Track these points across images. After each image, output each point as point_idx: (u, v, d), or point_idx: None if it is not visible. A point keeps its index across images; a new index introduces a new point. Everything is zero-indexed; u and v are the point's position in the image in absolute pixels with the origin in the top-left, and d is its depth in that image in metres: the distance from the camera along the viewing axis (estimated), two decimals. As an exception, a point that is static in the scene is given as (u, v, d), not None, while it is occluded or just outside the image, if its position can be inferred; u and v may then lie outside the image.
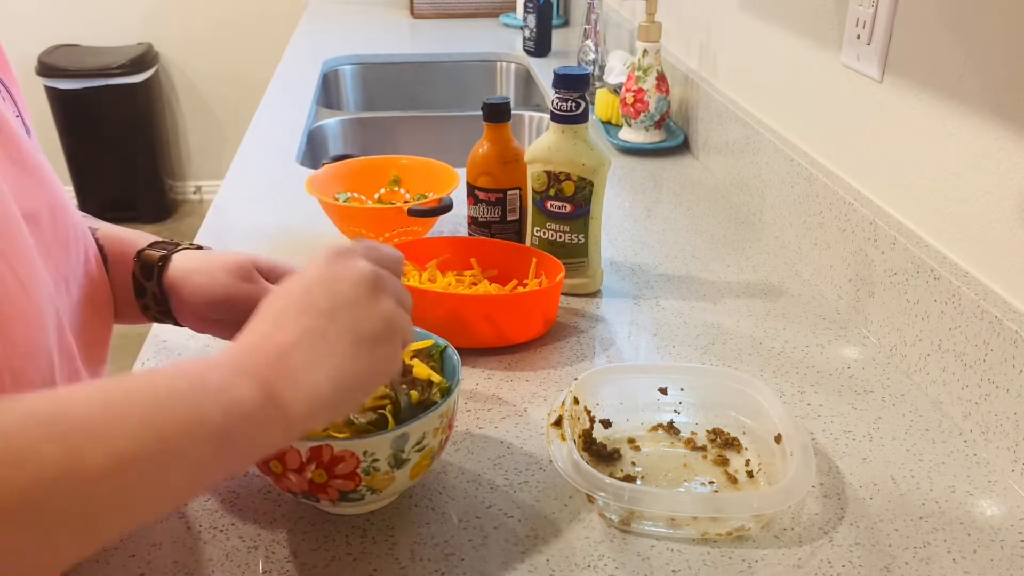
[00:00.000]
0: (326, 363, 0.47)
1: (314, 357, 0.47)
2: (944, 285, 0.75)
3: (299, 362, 0.46)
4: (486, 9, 2.52)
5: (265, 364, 0.46)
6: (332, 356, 0.47)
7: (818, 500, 0.65)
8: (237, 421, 0.43)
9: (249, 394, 0.44)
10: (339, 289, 0.50)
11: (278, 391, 0.45)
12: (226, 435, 0.43)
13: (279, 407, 0.45)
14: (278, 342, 0.47)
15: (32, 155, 0.56)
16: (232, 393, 0.44)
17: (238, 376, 0.44)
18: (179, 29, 3.30)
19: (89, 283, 0.62)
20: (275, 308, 0.50)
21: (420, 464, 0.59)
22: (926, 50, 0.80)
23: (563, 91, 0.89)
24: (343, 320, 0.49)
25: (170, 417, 0.41)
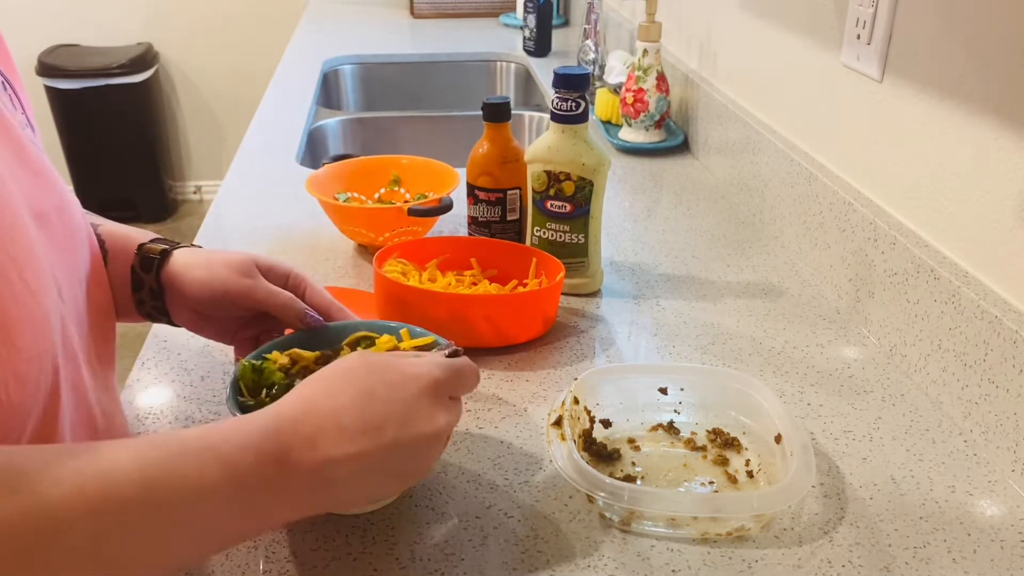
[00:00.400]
0: (364, 488, 0.50)
1: (355, 480, 0.49)
2: (944, 285, 0.75)
3: (336, 478, 0.48)
4: (486, 9, 2.52)
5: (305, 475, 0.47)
6: (372, 486, 0.50)
7: (818, 500, 0.65)
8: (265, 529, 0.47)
9: (276, 505, 0.46)
10: (409, 434, 0.50)
11: (308, 501, 0.48)
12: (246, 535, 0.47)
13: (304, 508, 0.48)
14: (328, 454, 0.48)
15: (38, 155, 0.56)
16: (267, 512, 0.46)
17: (275, 496, 0.46)
18: (179, 29, 3.30)
19: (95, 283, 0.62)
20: (345, 395, 0.50)
21: None
22: (926, 50, 0.80)
23: (563, 91, 0.89)
24: (398, 459, 0.50)
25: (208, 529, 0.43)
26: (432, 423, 0.51)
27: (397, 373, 0.52)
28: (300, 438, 0.47)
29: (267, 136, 1.48)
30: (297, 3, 2.95)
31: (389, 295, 0.83)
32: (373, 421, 0.49)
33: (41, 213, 0.53)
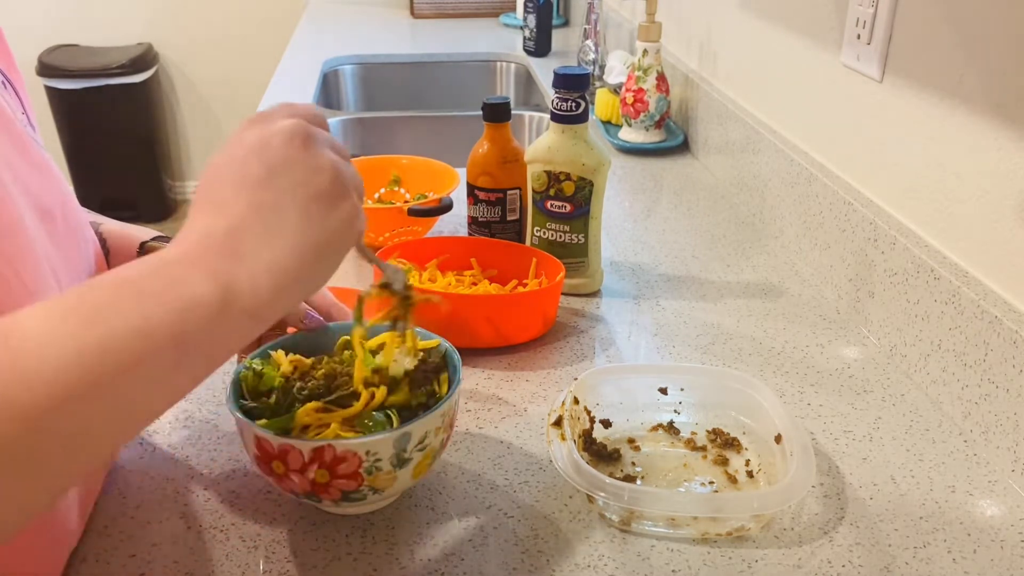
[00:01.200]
0: (278, 235, 0.44)
1: (265, 233, 0.43)
2: (944, 285, 0.75)
3: (251, 242, 0.43)
4: (486, 9, 2.52)
5: (214, 253, 0.42)
6: (284, 226, 0.44)
7: (818, 500, 0.65)
8: (192, 320, 0.40)
9: (200, 289, 0.40)
10: (270, 152, 0.45)
11: (232, 278, 0.42)
12: (182, 338, 0.39)
13: (237, 295, 0.41)
14: (221, 225, 0.43)
15: (41, 152, 0.56)
16: (181, 290, 0.40)
17: (185, 271, 0.41)
18: (179, 30, 3.30)
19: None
20: (207, 190, 0.45)
21: (422, 464, 0.59)
22: (926, 50, 0.80)
23: (563, 91, 0.89)
24: (285, 184, 0.45)
25: (115, 334, 0.37)
26: (278, 128, 0.46)
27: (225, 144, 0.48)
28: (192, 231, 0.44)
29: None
30: (297, 3, 2.95)
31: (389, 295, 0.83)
32: (235, 177, 0.45)
33: (45, 209, 0.53)
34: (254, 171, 0.45)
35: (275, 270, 0.43)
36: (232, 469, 0.68)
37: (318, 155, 0.46)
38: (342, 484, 0.56)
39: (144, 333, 0.38)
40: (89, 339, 0.37)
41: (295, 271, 0.44)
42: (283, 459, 0.56)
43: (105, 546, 0.60)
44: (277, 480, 0.58)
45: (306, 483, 0.56)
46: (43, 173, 0.55)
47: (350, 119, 1.68)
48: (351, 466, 0.55)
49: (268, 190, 0.44)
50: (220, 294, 0.41)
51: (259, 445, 0.56)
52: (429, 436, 0.58)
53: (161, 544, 0.61)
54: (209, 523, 0.62)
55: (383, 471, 0.57)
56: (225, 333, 0.42)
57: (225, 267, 0.42)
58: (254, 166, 0.45)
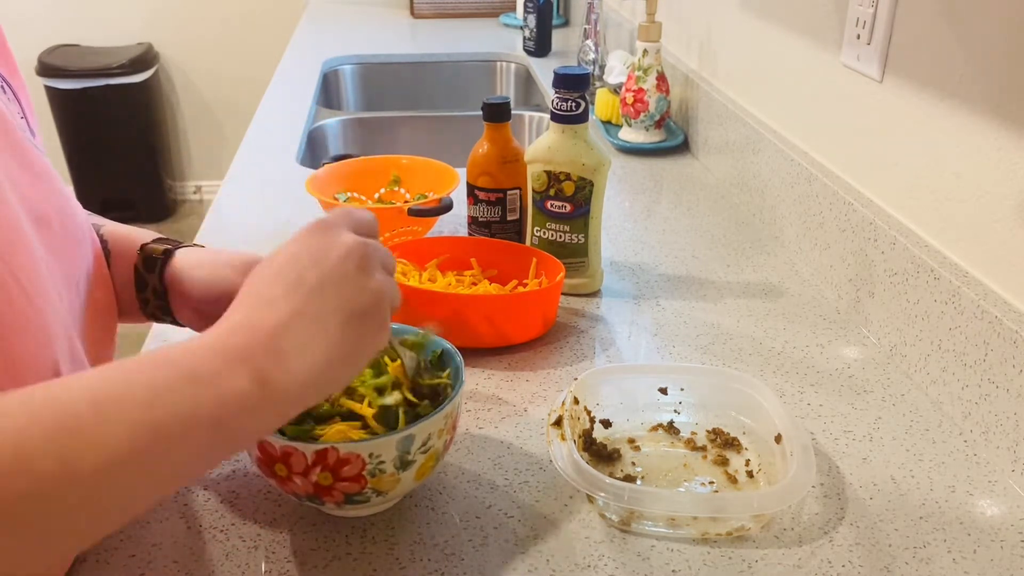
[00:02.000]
0: (317, 344, 0.47)
1: (305, 339, 0.47)
2: (944, 285, 0.75)
3: (291, 344, 0.46)
4: (486, 9, 2.52)
5: (256, 348, 0.45)
6: (324, 336, 0.47)
7: (818, 500, 0.65)
8: (231, 411, 0.43)
9: (241, 383, 0.44)
10: (327, 265, 0.49)
11: (270, 376, 0.45)
12: (220, 424, 0.43)
13: (272, 392, 0.45)
14: (268, 324, 0.46)
15: (39, 157, 0.56)
16: (224, 382, 0.43)
17: (229, 364, 0.44)
18: (179, 29, 3.30)
19: (95, 283, 0.61)
20: (261, 284, 0.49)
21: (425, 465, 0.59)
22: (926, 50, 0.80)
23: (563, 91, 0.89)
24: (333, 298, 0.48)
25: (163, 413, 0.41)
26: (340, 244, 0.50)
27: (284, 248, 0.51)
28: (236, 331, 0.46)
29: (267, 136, 1.48)
30: (297, 3, 2.95)
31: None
32: (290, 282, 0.48)
33: (41, 216, 0.53)
34: (309, 279, 0.48)
35: (309, 372, 0.46)
36: (232, 469, 0.68)
37: (368, 278, 0.50)
38: (345, 487, 0.56)
39: (189, 418, 0.42)
40: (144, 418, 0.40)
41: (325, 375, 0.47)
42: (286, 462, 0.56)
43: (105, 546, 0.60)
44: (280, 483, 0.58)
45: (309, 486, 0.56)
46: (41, 179, 0.55)
47: (350, 119, 1.68)
48: (354, 468, 0.55)
49: (316, 300, 0.48)
50: (259, 389, 0.44)
51: (261, 448, 0.56)
52: (432, 438, 0.58)
53: (161, 544, 0.61)
54: (209, 523, 0.62)
55: (386, 473, 0.57)
56: (256, 422, 0.45)
57: (267, 365, 0.45)
58: (310, 274, 0.48)
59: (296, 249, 0.50)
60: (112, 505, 0.40)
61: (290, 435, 0.56)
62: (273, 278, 0.49)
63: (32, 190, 0.53)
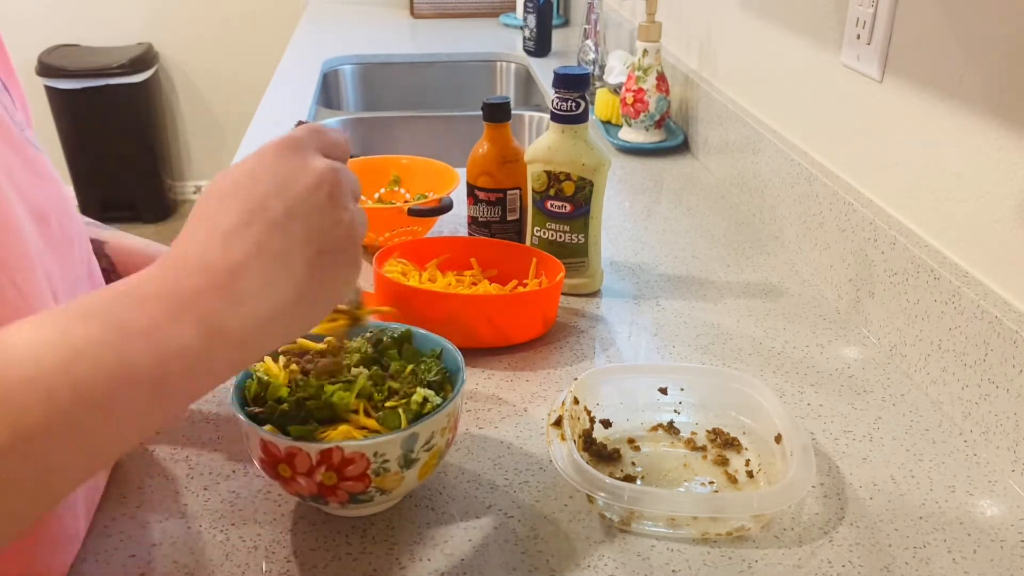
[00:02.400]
0: (280, 284, 0.42)
1: (266, 279, 0.41)
2: (944, 285, 0.75)
3: (249, 286, 0.41)
4: (486, 9, 2.52)
5: (209, 293, 0.40)
6: (287, 276, 0.42)
7: (818, 500, 0.65)
8: (174, 367, 0.38)
9: (187, 335, 0.38)
10: (295, 192, 0.43)
11: (224, 325, 0.40)
12: (161, 383, 0.38)
13: (225, 342, 0.40)
14: (224, 263, 0.41)
15: (38, 155, 0.56)
16: (166, 335, 0.38)
17: (174, 312, 0.39)
18: (179, 29, 3.30)
19: (91, 283, 0.61)
20: (218, 209, 0.43)
21: (428, 464, 0.59)
22: (926, 50, 0.80)
23: (563, 91, 0.89)
24: (300, 231, 0.43)
25: (85, 373, 0.36)
26: (310, 171, 0.44)
27: (247, 162, 0.45)
28: (188, 269, 0.41)
29: (267, 136, 1.47)
30: (297, 3, 2.95)
31: (389, 295, 0.83)
32: (250, 207, 0.42)
33: (40, 213, 0.53)
34: (272, 209, 0.42)
35: (267, 319, 0.41)
36: (232, 469, 0.68)
37: (341, 210, 0.44)
38: (349, 486, 0.56)
39: (122, 377, 0.37)
40: (64, 379, 0.35)
41: (286, 320, 0.42)
42: (290, 462, 0.56)
43: (105, 546, 0.60)
44: (284, 484, 0.58)
45: (313, 486, 0.56)
46: (39, 176, 0.55)
47: (350, 119, 1.68)
48: (359, 468, 0.55)
49: (280, 234, 0.42)
50: (206, 342, 0.39)
51: (265, 449, 0.56)
52: (435, 436, 0.58)
53: (161, 544, 0.61)
54: (209, 523, 0.62)
55: (391, 472, 0.57)
56: (205, 376, 0.40)
57: (218, 310, 0.40)
58: (272, 202, 0.43)
59: (259, 170, 0.44)
60: (37, 481, 0.35)
61: (295, 435, 0.56)
62: (231, 202, 0.43)
63: (31, 187, 0.53)
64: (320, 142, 0.47)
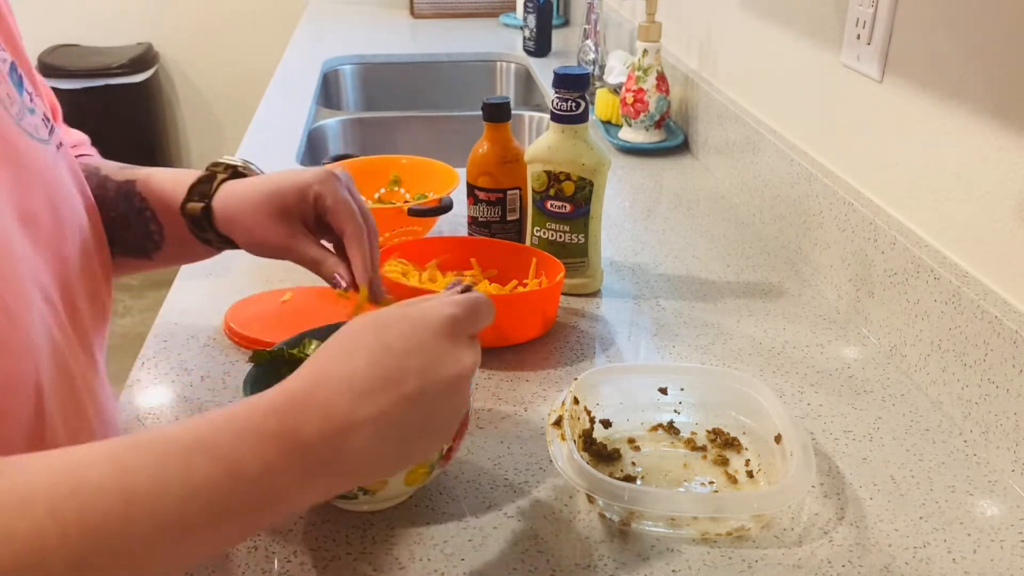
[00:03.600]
0: (388, 451, 0.44)
1: (379, 444, 0.43)
2: (944, 285, 0.75)
3: (360, 445, 0.43)
4: (486, 9, 2.52)
5: (321, 445, 0.42)
6: (398, 446, 0.44)
7: (818, 500, 0.65)
8: (275, 508, 0.41)
9: (290, 483, 0.41)
10: (436, 379, 0.46)
11: (324, 476, 0.42)
12: (259, 514, 0.41)
13: (314, 485, 0.42)
14: (348, 416, 0.42)
15: (31, 147, 0.54)
16: (271, 483, 0.40)
17: (282, 459, 0.41)
18: (179, 29, 3.30)
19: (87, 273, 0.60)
20: (362, 366, 0.44)
21: (416, 472, 0.59)
22: (926, 50, 0.80)
23: (563, 91, 0.89)
24: (426, 413, 0.45)
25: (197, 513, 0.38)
26: (457, 363, 0.47)
27: (408, 322, 0.47)
28: (310, 412, 0.42)
29: (267, 136, 1.48)
30: (297, 3, 2.95)
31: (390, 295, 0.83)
32: (391, 375, 0.44)
33: (28, 214, 0.52)
34: (409, 384, 0.44)
35: (360, 480, 0.46)
36: (232, 469, 0.68)
37: (462, 390, 0.47)
38: None
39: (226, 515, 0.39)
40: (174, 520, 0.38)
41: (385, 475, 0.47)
42: None
43: None
44: None
45: None
46: (29, 171, 0.53)
47: (350, 119, 1.68)
48: None
49: (406, 407, 0.44)
50: (310, 489, 0.42)
51: None
52: None
53: (161, 544, 0.60)
54: (209, 523, 0.62)
55: None
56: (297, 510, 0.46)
57: (326, 465, 0.42)
58: (412, 379, 0.45)
59: (414, 343, 0.46)
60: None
61: None
62: (378, 363, 0.45)
63: (17, 188, 0.51)
64: (476, 325, 0.50)
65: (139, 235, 0.71)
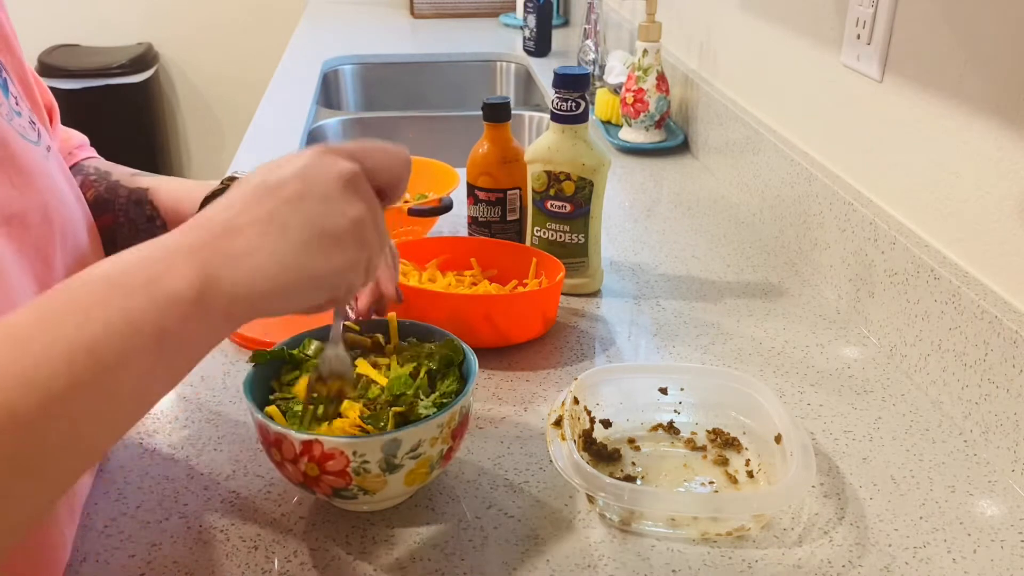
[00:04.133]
0: (273, 247, 0.44)
1: (262, 243, 0.43)
2: (944, 285, 0.75)
3: (244, 243, 0.43)
4: (486, 9, 2.52)
5: (203, 246, 0.42)
6: (283, 242, 0.44)
7: (818, 500, 0.65)
8: (172, 317, 0.40)
9: (179, 285, 0.40)
10: (313, 179, 0.46)
11: (215, 275, 0.42)
12: (163, 334, 0.40)
13: (216, 294, 0.42)
14: (228, 218, 0.44)
15: (22, 148, 0.54)
16: (165, 285, 0.40)
17: (170, 265, 0.41)
18: (179, 29, 3.29)
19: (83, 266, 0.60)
20: (241, 187, 0.46)
21: (416, 472, 0.59)
22: (926, 50, 0.80)
23: (563, 91, 0.89)
24: (306, 210, 0.45)
25: (97, 330, 0.38)
26: (334, 166, 0.47)
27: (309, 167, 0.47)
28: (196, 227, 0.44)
29: (267, 136, 1.48)
30: (297, 3, 2.95)
31: (389, 295, 0.83)
32: (269, 184, 0.45)
33: (14, 215, 0.51)
34: (287, 188, 0.45)
35: (256, 278, 0.43)
36: (232, 469, 0.68)
37: (352, 202, 0.47)
38: (331, 480, 0.57)
39: (129, 332, 0.39)
40: (78, 341, 0.37)
41: (273, 290, 0.44)
42: (279, 447, 0.57)
43: (105, 546, 0.60)
44: (278, 467, 0.59)
45: (299, 474, 0.57)
46: (19, 172, 0.53)
47: (350, 119, 1.68)
48: (339, 464, 0.56)
49: (287, 209, 0.45)
50: (198, 291, 0.41)
51: (260, 430, 0.58)
52: (424, 445, 0.57)
53: (161, 544, 0.61)
54: (209, 523, 0.62)
55: (371, 473, 0.56)
56: (201, 331, 0.42)
57: (209, 260, 0.42)
58: (290, 184, 0.45)
59: (292, 158, 0.47)
60: (62, 445, 0.37)
61: (279, 423, 0.57)
62: (255, 182, 0.46)
63: (10, 189, 0.51)
64: (364, 155, 0.49)
65: None
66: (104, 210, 0.70)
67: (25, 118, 0.57)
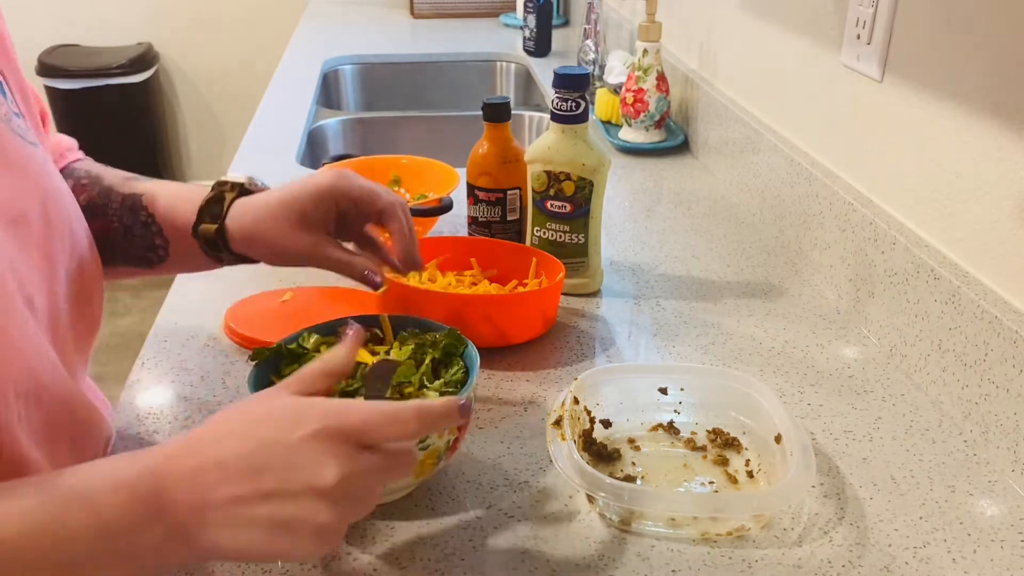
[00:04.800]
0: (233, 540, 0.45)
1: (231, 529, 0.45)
2: (944, 285, 0.75)
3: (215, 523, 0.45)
4: (486, 9, 2.52)
5: (188, 511, 0.45)
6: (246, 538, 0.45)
7: (818, 500, 0.65)
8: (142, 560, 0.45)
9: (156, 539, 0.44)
10: (291, 483, 0.44)
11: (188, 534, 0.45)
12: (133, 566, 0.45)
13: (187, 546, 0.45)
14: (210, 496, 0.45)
15: (18, 146, 0.54)
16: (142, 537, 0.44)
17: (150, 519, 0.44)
18: (179, 28, 3.30)
19: (78, 273, 0.60)
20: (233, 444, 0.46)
21: (424, 463, 0.59)
22: (926, 50, 0.80)
23: (563, 91, 0.89)
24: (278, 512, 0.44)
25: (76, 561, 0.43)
26: (318, 475, 0.44)
27: (291, 413, 0.46)
28: (180, 480, 0.45)
29: (267, 136, 1.48)
30: (297, 3, 2.95)
31: (389, 295, 0.83)
32: (255, 466, 0.45)
33: (16, 216, 0.52)
34: (265, 483, 0.45)
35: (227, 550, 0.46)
36: (232, 469, 0.68)
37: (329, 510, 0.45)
38: None
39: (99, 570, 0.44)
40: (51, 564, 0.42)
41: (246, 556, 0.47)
42: None
43: None
44: None
45: None
46: (19, 172, 0.53)
47: (350, 119, 1.68)
48: None
49: (259, 501, 0.45)
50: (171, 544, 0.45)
51: None
52: (431, 435, 0.58)
53: (161, 544, 0.60)
54: (209, 523, 0.62)
55: None
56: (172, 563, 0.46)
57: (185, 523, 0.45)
58: (268, 478, 0.45)
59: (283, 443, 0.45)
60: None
61: None
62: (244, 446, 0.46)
63: (10, 188, 0.51)
64: (368, 430, 0.46)
65: (142, 247, 0.70)
66: (97, 215, 0.69)
67: (25, 120, 0.57)
